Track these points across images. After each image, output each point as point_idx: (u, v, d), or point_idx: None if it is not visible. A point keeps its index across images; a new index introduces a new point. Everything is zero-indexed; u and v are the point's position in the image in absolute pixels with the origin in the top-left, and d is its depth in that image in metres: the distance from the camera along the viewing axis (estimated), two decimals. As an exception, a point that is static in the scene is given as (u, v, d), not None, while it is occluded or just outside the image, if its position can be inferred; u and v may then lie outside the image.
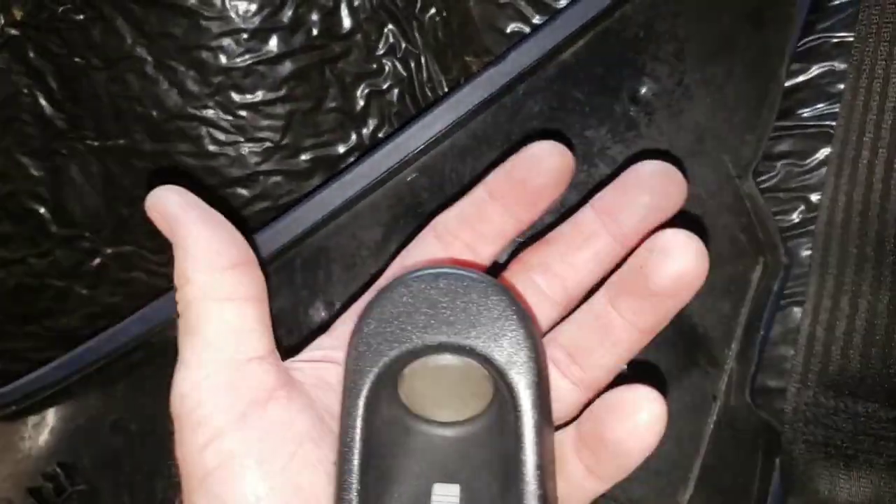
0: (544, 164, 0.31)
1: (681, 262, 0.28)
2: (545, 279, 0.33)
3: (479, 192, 0.33)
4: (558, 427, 0.31)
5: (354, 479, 0.27)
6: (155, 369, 0.45)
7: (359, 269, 0.43)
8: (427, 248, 0.33)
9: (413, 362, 0.28)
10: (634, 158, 0.41)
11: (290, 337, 0.44)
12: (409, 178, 0.43)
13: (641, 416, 0.26)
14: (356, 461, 0.27)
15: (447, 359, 0.28)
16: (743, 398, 0.41)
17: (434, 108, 0.42)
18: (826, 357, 0.39)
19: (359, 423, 0.27)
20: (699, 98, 0.41)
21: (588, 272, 0.33)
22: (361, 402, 0.27)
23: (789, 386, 0.40)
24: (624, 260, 0.31)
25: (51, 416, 0.47)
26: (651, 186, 0.31)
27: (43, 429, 0.47)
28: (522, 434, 0.26)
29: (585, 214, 0.33)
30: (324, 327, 0.42)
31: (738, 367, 0.41)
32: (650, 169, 0.31)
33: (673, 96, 0.41)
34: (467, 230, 0.32)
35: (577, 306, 0.33)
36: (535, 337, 0.27)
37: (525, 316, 0.27)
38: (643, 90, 0.42)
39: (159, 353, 0.45)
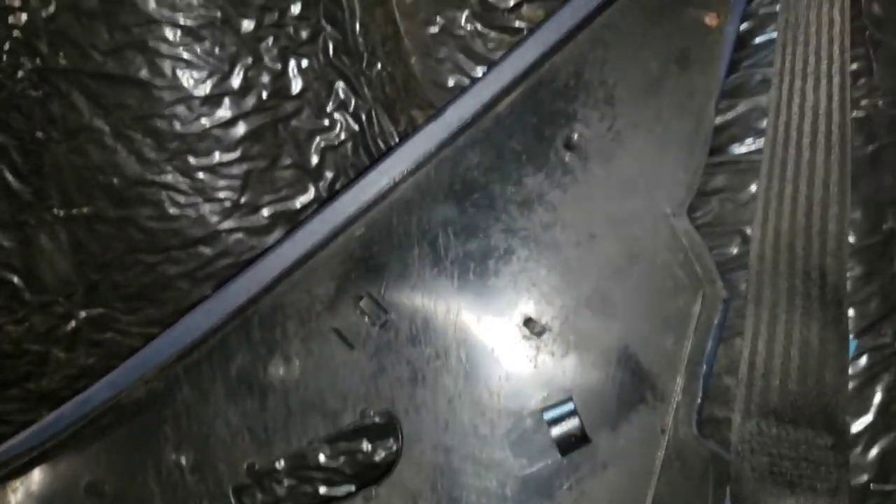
0: None
1: None
2: None
3: None
4: None
5: None
6: (125, 430, 0.46)
7: (314, 325, 0.44)
8: None
9: None
10: (572, 203, 0.43)
11: (252, 394, 0.45)
12: (357, 233, 0.44)
13: None
14: None
15: None
16: (690, 430, 0.42)
17: (377, 165, 0.44)
18: (766, 387, 0.40)
19: None
20: (631, 140, 0.43)
21: None
22: None
23: (734, 416, 0.41)
24: None
25: (29, 481, 0.48)
26: None
27: (22, 495, 0.48)
28: None
29: None
30: (284, 382, 0.44)
31: (685, 399, 0.42)
32: None
33: (605, 140, 0.43)
34: None
35: None
36: None
37: None
38: (576, 136, 0.43)
39: (128, 415, 0.46)
